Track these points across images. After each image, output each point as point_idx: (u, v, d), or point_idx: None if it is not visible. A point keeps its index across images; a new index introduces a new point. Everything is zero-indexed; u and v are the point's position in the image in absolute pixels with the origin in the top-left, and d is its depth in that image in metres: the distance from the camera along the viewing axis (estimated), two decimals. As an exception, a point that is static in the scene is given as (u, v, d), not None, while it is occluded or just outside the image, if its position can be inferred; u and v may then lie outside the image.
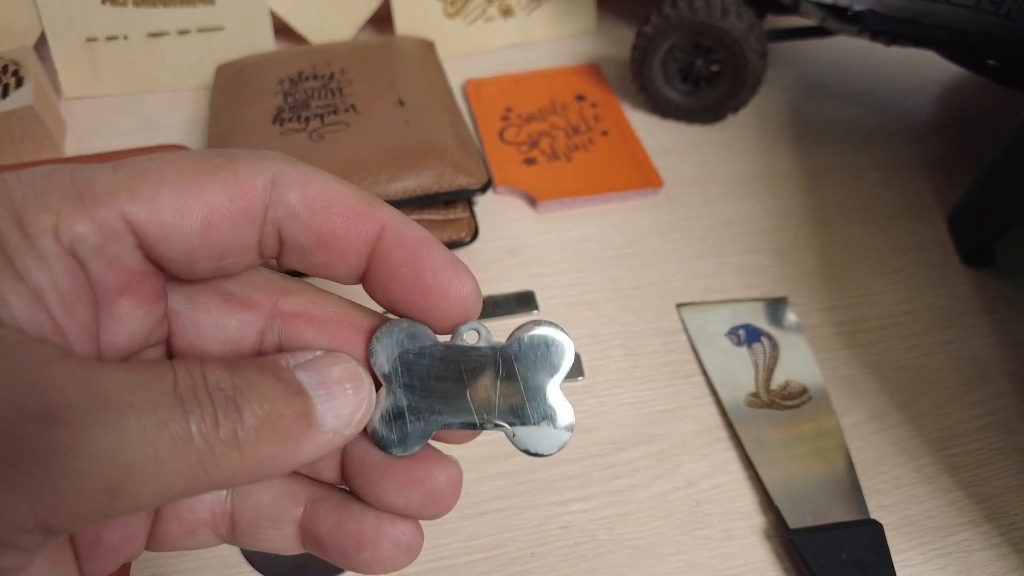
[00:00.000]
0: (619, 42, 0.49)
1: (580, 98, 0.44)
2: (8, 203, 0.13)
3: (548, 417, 0.17)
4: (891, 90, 0.46)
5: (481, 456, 0.27)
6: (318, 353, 0.16)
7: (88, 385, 0.12)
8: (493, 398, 0.17)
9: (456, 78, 0.45)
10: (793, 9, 0.40)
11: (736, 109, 0.41)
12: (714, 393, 0.30)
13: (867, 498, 0.27)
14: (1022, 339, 0.32)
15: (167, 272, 0.16)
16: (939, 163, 0.41)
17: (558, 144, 0.40)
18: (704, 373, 0.30)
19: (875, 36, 0.38)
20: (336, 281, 0.17)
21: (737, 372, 0.30)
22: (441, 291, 0.16)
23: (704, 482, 0.27)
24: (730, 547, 0.25)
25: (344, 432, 0.15)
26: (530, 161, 0.39)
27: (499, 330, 0.17)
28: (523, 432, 0.17)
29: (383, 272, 0.16)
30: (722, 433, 0.29)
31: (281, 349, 0.18)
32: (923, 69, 0.47)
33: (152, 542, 0.17)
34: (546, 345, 0.16)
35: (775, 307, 0.33)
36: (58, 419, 0.12)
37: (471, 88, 0.45)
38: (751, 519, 0.26)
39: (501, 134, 0.41)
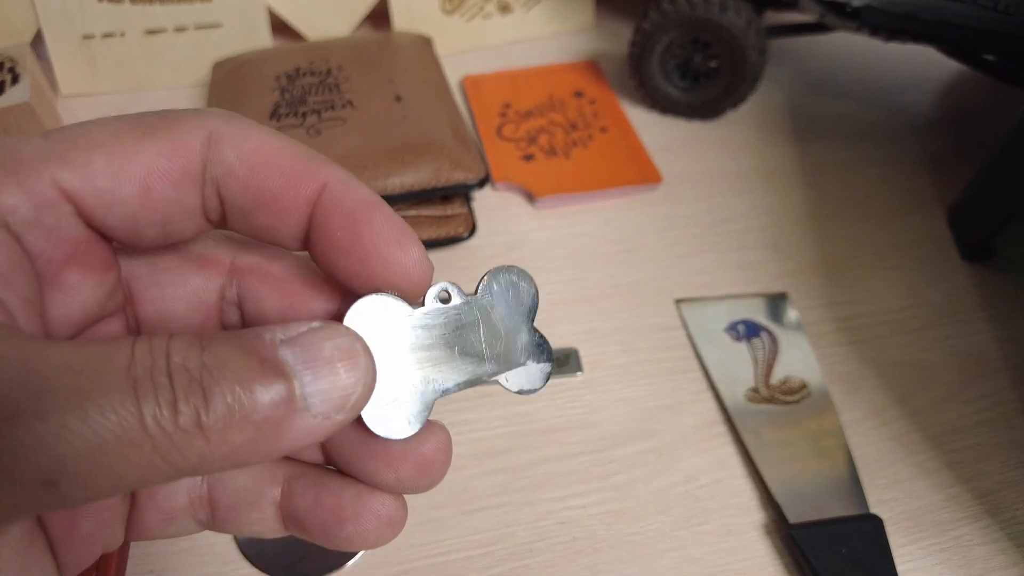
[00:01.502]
0: (617, 38, 0.49)
1: (578, 94, 0.44)
2: None
3: (532, 354, 0.17)
4: (890, 86, 0.46)
5: (479, 452, 0.27)
6: (313, 325, 0.14)
7: (25, 368, 0.11)
8: (482, 351, 0.16)
9: (454, 75, 0.45)
10: (792, 5, 0.40)
11: (735, 105, 0.41)
12: (713, 388, 0.30)
13: (867, 493, 0.27)
14: (1021, 335, 0.32)
15: (114, 241, 0.15)
16: (938, 159, 0.41)
17: (556, 140, 0.40)
18: (703, 369, 0.30)
19: (874, 32, 0.38)
20: (283, 247, 0.16)
21: (736, 367, 0.30)
22: (382, 259, 0.15)
23: (703, 477, 0.27)
24: (730, 542, 0.25)
25: (336, 417, 0.13)
26: (528, 157, 0.39)
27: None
28: (514, 375, 0.16)
29: (322, 236, 0.15)
30: (721, 428, 0.28)
31: (240, 306, 0.17)
32: (922, 65, 0.47)
33: (131, 531, 0.17)
34: (515, 287, 0.17)
35: (775, 303, 0.33)
36: None
37: (469, 84, 0.44)
38: (751, 514, 0.26)
39: (499, 130, 0.41)
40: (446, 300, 0.16)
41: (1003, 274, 0.35)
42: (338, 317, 0.16)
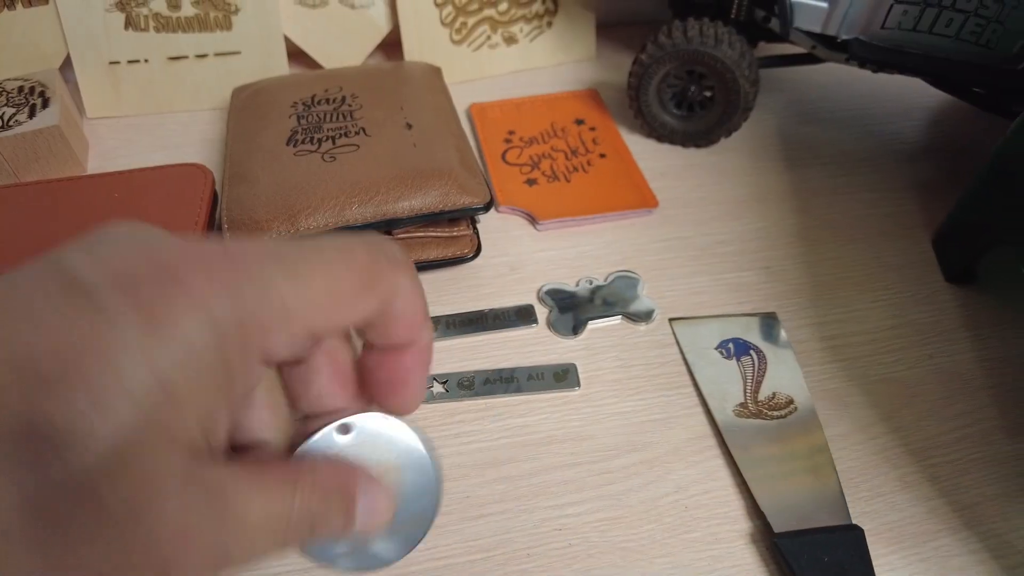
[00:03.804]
0: (617, 69, 0.51)
1: (579, 122, 0.46)
2: (237, 324, 0.14)
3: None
4: (879, 114, 0.48)
5: (482, 461, 0.29)
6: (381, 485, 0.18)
7: (215, 539, 0.14)
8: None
9: (461, 102, 0.47)
10: (784, 37, 0.42)
11: (729, 133, 0.43)
12: (704, 404, 0.31)
13: (850, 505, 0.28)
14: (1001, 354, 0.33)
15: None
16: (925, 185, 0.43)
17: (558, 166, 0.42)
18: (695, 384, 0.32)
19: (862, 63, 0.40)
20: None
21: (726, 384, 0.32)
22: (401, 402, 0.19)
23: (693, 488, 0.28)
24: (717, 550, 0.27)
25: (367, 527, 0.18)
26: (531, 182, 0.41)
27: (501, 341, 0.18)
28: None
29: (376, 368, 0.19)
30: (711, 442, 0.30)
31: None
32: (910, 94, 0.49)
33: None
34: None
35: (764, 322, 0.34)
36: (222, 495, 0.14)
37: (476, 112, 0.46)
38: (738, 523, 0.27)
39: (504, 156, 0.43)
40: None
41: (985, 296, 0.36)
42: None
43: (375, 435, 0.20)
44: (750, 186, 0.42)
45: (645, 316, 0.34)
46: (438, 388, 0.31)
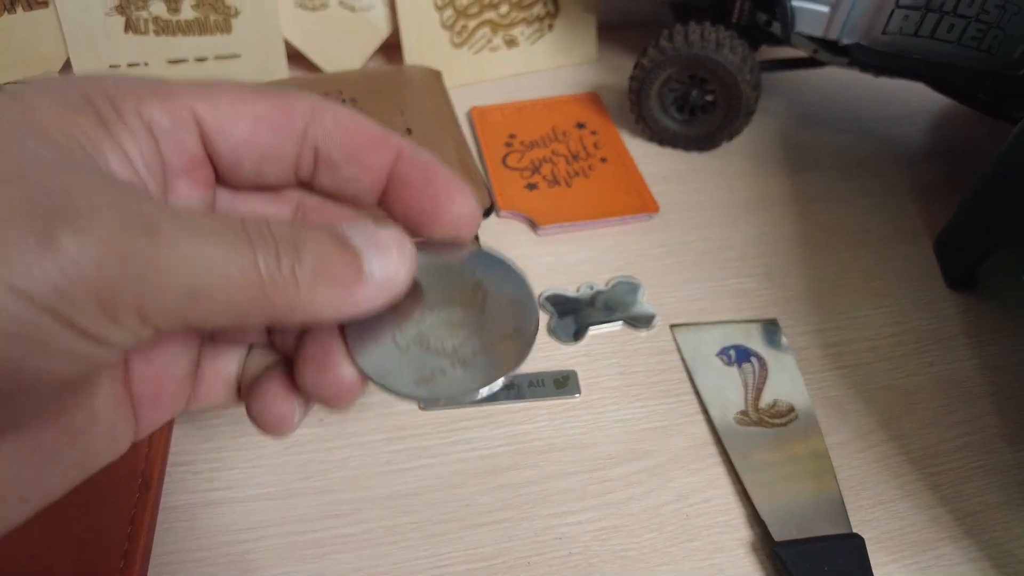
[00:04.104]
0: (618, 72, 0.51)
1: (580, 126, 0.46)
2: (102, 89, 0.17)
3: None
4: (881, 118, 0.48)
5: (482, 469, 0.29)
6: (368, 222, 0.18)
7: (175, 213, 0.15)
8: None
9: (462, 105, 0.47)
10: (785, 41, 0.42)
11: (730, 137, 0.43)
12: (705, 411, 0.31)
13: (850, 513, 0.28)
14: (1003, 362, 0.33)
15: (216, 169, 0.19)
16: (927, 190, 0.43)
17: (559, 170, 0.42)
18: (696, 392, 0.32)
19: (864, 68, 0.40)
20: (358, 200, 0.21)
21: (727, 391, 0.32)
22: (449, 197, 0.20)
23: (694, 496, 0.28)
24: (718, 558, 0.27)
25: (390, 287, 0.17)
26: (532, 186, 0.41)
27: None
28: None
29: (401, 184, 0.20)
30: (712, 450, 0.30)
31: None
32: (912, 98, 0.49)
33: (192, 400, 0.20)
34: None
35: (765, 329, 0.34)
36: (155, 229, 0.14)
37: (476, 115, 0.46)
38: (738, 532, 0.27)
39: (504, 160, 0.43)
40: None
41: (986, 302, 0.36)
42: None
43: (445, 258, 0.19)
44: (751, 190, 0.42)
45: (646, 322, 0.34)
46: (438, 395, 0.31)
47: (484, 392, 0.18)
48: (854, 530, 0.27)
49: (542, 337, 0.34)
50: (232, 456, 0.29)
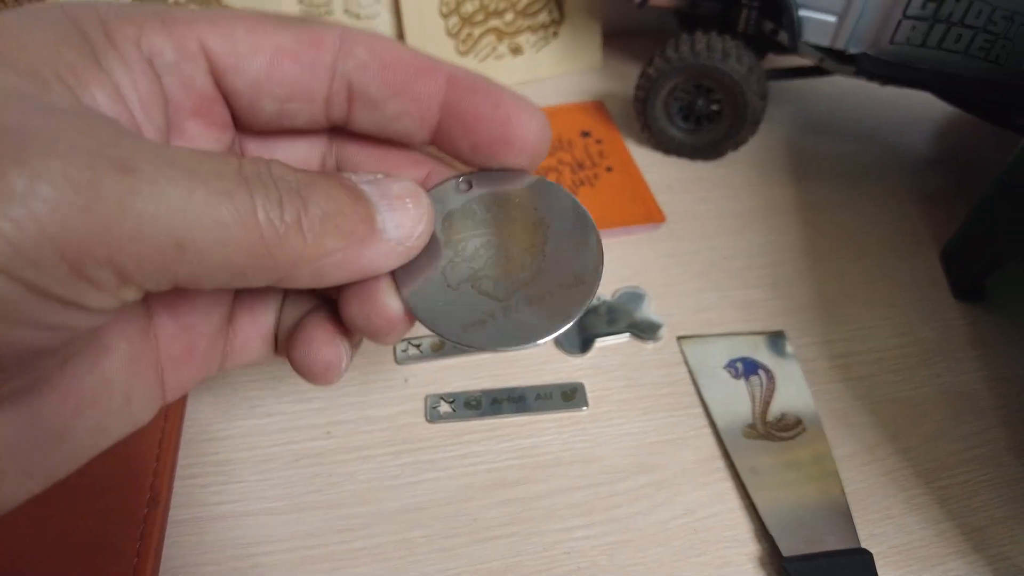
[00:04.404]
0: (623, 79, 0.50)
1: (585, 134, 0.45)
2: (95, 15, 0.14)
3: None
4: (887, 127, 0.48)
5: (490, 483, 0.29)
6: (379, 175, 0.16)
7: (157, 150, 0.13)
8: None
9: (467, 113, 0.47)
10: (792, 50, 0.41)
11: (736, 146, 0.43)
12: (712, 424, 0.31)
13: (858, 527, 0.28)
14: (1011, 373, 0.33)
15: (233, 110, 0.17)
16: (934, 198, 0.43)
17: (564, 179, 0.42)
18: (703, 404, 0.32)
19: (870, 77, 0.40)
20: (408, 138, 0.18)
21: (735, 404, 0.31)
22: (519, 121, 0.17)
23: (702, 511, 0.28)
24: (726, 574, 0.27)
25: (406, 243, 0.16)
26: (538, 196, 0.41)
27: (508, 359, 0.18)
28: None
29: (462, 114, 0.17)
30: (720, 463, 0.30)
31: (338, 168, 0.19)
32: (918, 106, 0.49)
33: (226, 360, 0.19)
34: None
35: (772, 341, 0.34)
36: (131, 168, 0.12)
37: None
38: (746, 547, 0.27)
39: (510, 169, 0.43)
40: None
41: (994, 313, 0.36)
42: (423, 185, 0.18)
43: (505, 189, 0.17)
44: (757, 200, 0.42)
45: (653, 333, 0.34)
46: (444, 408, 0.31)
47: (530, 346, 0.16)
48: (862, 544, 0.27)
49: (548, 349, 0.34)
50: (240, 469, 0.29)
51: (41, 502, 0.24)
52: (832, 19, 0.38)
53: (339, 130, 0.19)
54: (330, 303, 0.19)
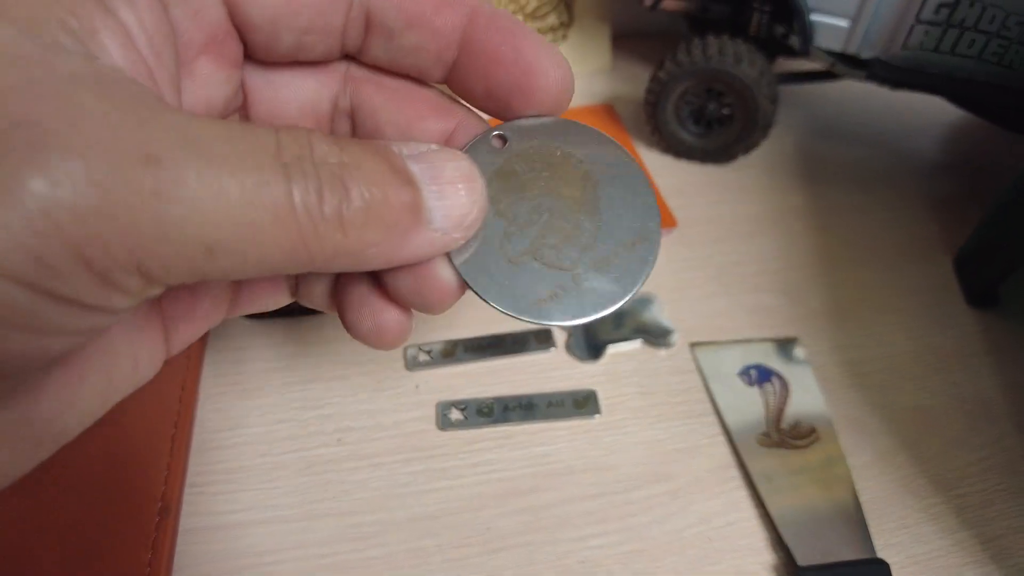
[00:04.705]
0: (633, 81, 0.50)
1: (596, 138, 0.45)
2: None
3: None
4: (898, 131, 0.48)
5: (503, 492, 0.28)
6: (432, 147, 0.15)
7: (185, 133, 0.11)
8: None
9: (476, 116, 0.47)
10: (803, 54, 0.41)
11: (747, 150, 0.43)
12: (726, 432, 0.31)
13: (874, 537, 0.28)
14: (1026, 381, 0.33)
15: (247, 43, 0.16)
16: (946, 203, 0.42)
17: (575, 183, 0.42)
18: (717, 412, 0.31)
19: (882, 82, 0.40)
20: (422, 73, 0.17)
21: (748, 411, 0.31)
22: (542, 69, 0.16)
23: (717, 519, 0.28)
24: (742, 584, 0.26)
25: (453, 234, 0.14)
26: (548, 200, 0.41)
27: (520, 365, 0.18)
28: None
29: (480, 54, 0.16)
30: (734, 472, 0.30)
31: (352, 116, 0.17)
32: (930, 110, 0.48)
33: (234, 308, 0.18)
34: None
35: (785, 347, 0.34)
36: (157, 158, 0.11)
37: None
38: (761, 556, 0.27)
39: (519, 173, 0.43)
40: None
41: (1008, 320, 0.36)
42: (451, 140, 0.17)
43: (543, 141, 0.16)
44: (768, 204, 0.42)
45: (665, 340, 0.34)
46: (456, 415, 0.31)
47: (608, 313, 0.15)
48: (878, 555, 0.27)
49: (560, 355, 0.33)
50: (250, 476, 0.29)
51: (52, 511, 0.23)
52: (844, 23, 0.38)
53: (353, 68, 0.17)
54: None
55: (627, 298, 0.15)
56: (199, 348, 0.32)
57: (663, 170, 0.43)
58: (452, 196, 0.14)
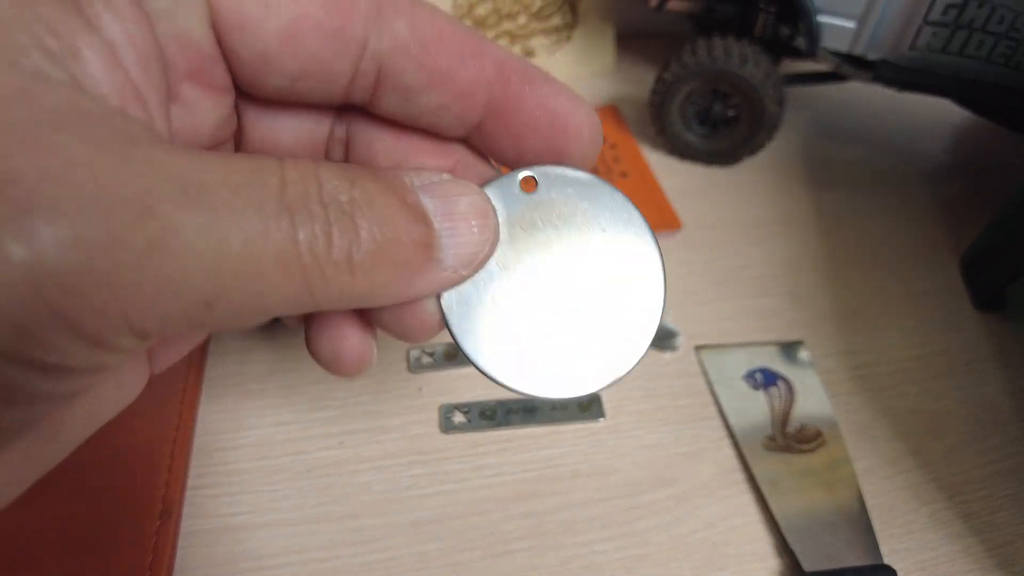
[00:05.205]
0: (637, 82, 0.50)
1: (600, 139, 0.45)
2: None
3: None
4: (905, 133, 0.47)
5: (506, 496, 0.28)
6: (444, 177, 0.14)
7: (181, 178, 0.10)
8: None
9: (479, 117, 0.47)
10: (810, 55, 0.41)
11: (753, 152, 0.43)
12: (732, 436, 0.31)
13: (880, 542, 0.27)
14: (1033, 386, 0.33)
15: (235, 74, 0.14)
16: (953, 206, 0.42)
17: (579, 184, 0.42)
18: (722, 416, 0.31)
19: (889, 83, 0.39)
20: (438, 130, 0.15)
21: (754, 415, 0.31)
22: (578, 130, 0.15)
23: (722, 524, 0.28)
24: (747, 590, 0.26)
25: (461, 272, 0.14)
26: (552, 201, 0.41)
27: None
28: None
29: (511, 116, 0.15)
30: (739, 476, 0.29)
31: (347, 144, 0.16)
32: (936, 112, 0.48)
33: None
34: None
35: (791, 351, 0.34)
36: (152, 210, 0.10)
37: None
38: (767, 561, 0.27)
39: (523, 174, 0.42)
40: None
41: (1016, 324, 0.36)
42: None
43: (571, 197, 0.15)
44: (774, 206, 0.41)
45: (670, 343, 0.34)
46: (459, 418, 0.31)
47: (576, 398, 0.16)
48: (885, 560, 0.27)
49: (564, 357, 0.33)
50: (252, 479, 0.28)
51: (53, 513, 0.23)
52: (851, 24, 0.38)
53: (359, 110, 0.16)
54: None
55: (591, 391, 0.15)
56: (201, 350, 0.32)
57: (667, 171, 0.43)
58: (465, 233, 0.13)
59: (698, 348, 0.34)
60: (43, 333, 0.10)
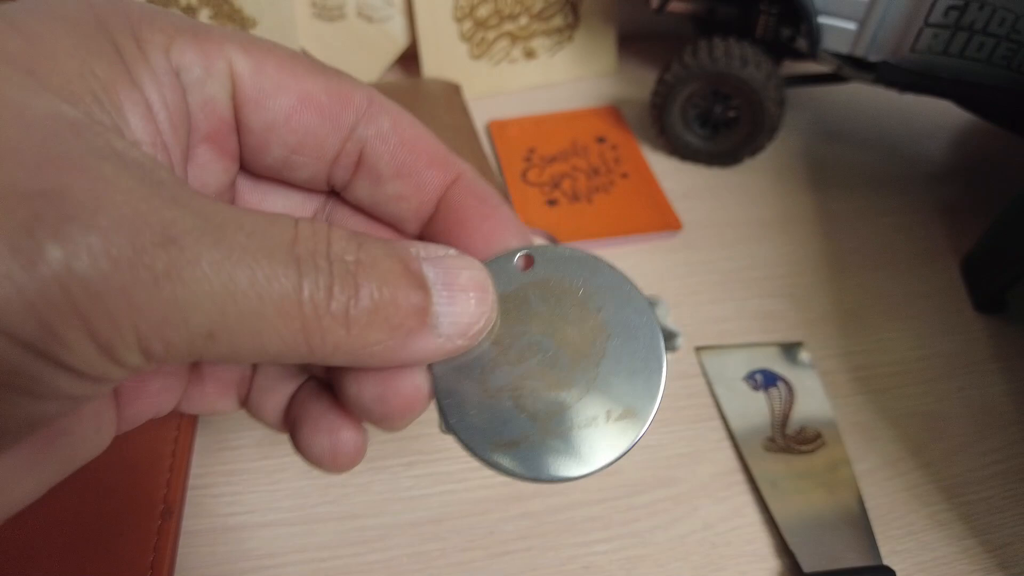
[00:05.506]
0: (638, 84, 0.50)
1: (600, 140, 0.45)
2: (125, 20, 0.13)
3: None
4: (905, 134, 0.47)
5: (506, 496, 0.28)
6: (451, 251, 0.15)
7: (207, 217, 0.12)
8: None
9: (480, 118, 0.47)
10: (811, 57, 0.41)
11: (753, 153, 0.43)
12: (731, 437, 0.31)
13: (880, 544, 0.27)
14: (1034, 388, 0.33)
15: (240, 145, 0.16)
16: (953, 208, 0.42)
17: (579, 186, 0.42)
18: (722, 417, 0.31)
19: (889, 85, 0.39)
20: (398, 223, 0.17)
21: (754, 416, 0.31)
22: (503, 237, 0.17)
23: (721, 525, 0.28)
24: (747, 591, 0.26)
25: (456, 342, 0.14)
26: (552, 202, 0.41)
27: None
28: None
29: (454, 214, 0.17)
30: (739, 477, 0.29)
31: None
32: (937, 114, 0.48)
33: (184, 402, 0.18)
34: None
35: (791, 352, 0.34)
36: (174, 240, 0.11)
37: (495, 129, 0.46)
38: (766, 562, 0.27)
39: (524, 175, 0.42)
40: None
41: (1016, 325, 0.36)
42: None
43: (568, 278, 0.15)
44: (774, 208, 0.42)
45: (671, 343, 0.34)
46: (461, 417, 0.31)
47: (560, 483, 0.15)
48: (884, 562, 0.27)
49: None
50: (252, 479, 0.29)
51: (53, 513, 0.23)
52: (852, 26, 0.38)
53: (336, 196, 0.18)
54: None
55: (581, 476, 0.14)
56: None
57: (668, 172, 0.43)
58: (462, 303, 0.14)
59: (698, 349, 0.34)
60: (64, 331, 0.10)
